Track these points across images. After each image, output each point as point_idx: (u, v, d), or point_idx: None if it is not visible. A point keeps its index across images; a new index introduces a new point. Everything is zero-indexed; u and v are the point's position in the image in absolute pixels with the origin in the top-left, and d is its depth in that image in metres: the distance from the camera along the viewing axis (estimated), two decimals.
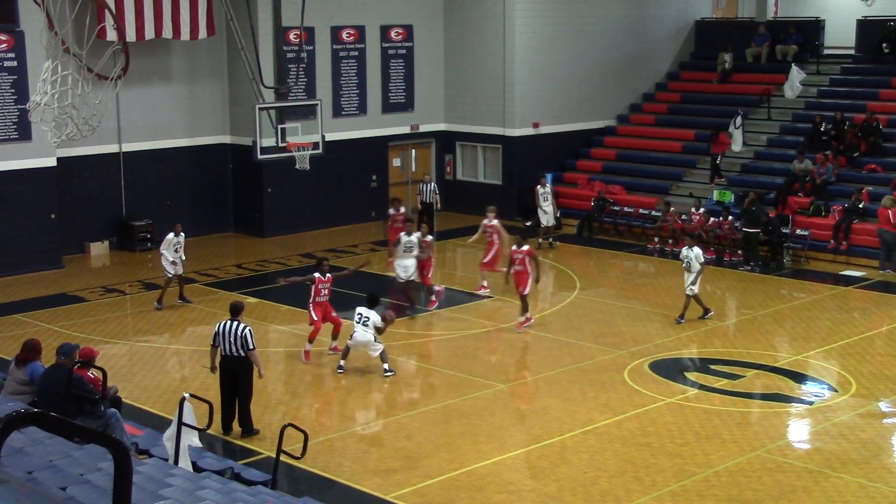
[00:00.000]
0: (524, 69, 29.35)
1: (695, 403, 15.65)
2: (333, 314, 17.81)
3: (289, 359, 18.13)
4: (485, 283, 22.02)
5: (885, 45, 29.72)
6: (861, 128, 26.86)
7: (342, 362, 17.05)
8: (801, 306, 21.33)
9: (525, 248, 19.48)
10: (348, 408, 16.02)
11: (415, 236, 20.48)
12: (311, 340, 17.67)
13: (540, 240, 25.99)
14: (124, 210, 26.26)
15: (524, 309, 19.43)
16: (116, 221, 26.16)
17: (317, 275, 17.70)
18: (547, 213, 25.88)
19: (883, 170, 26.06)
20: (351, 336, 16.87)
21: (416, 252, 20.36)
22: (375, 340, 16.77)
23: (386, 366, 16.82)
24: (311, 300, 17.59)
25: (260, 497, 9.25)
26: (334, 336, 17.81)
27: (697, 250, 19.90)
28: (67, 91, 12.42)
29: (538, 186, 26.05)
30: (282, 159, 23.55)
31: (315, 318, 17.56)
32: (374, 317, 16.77)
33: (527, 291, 19.36)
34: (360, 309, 16.90)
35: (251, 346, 14.30)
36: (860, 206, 24.53)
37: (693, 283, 19.60)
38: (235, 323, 14.40)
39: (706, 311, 19.96)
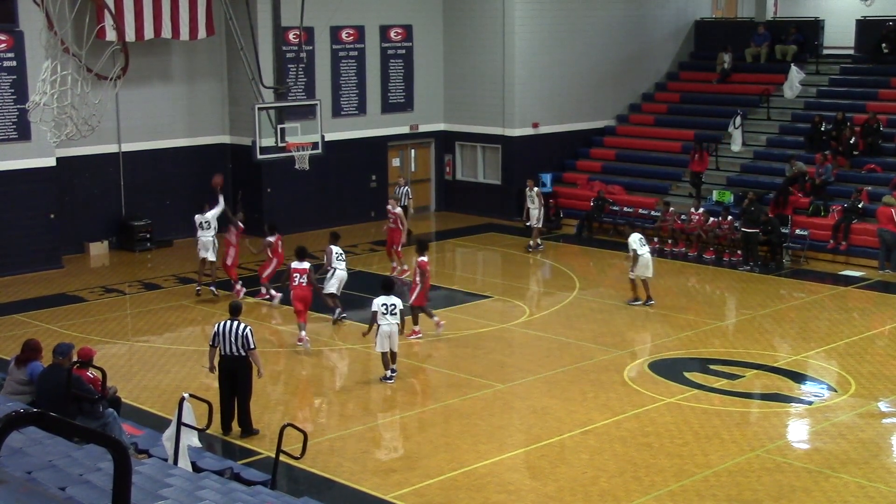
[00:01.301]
0: (524, 69, 29.35)
1: (694, 403, 15.65)
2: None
3: (288, 359, 18.14)
4: (405, 267, 22.50)
5: (884, 45, 29.71)
6: (861, 127, 26.85)
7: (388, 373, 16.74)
8: (800, 306, 21.33)
9: (420, 258, 18.74)
10: (348, 408, 16.01)
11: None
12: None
13: (531, 242, 25.98)
14: (124, 210, 26.26)
15: (414, 320, 18.74)
16: (116, 221, 26.16)
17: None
18: (532, 215, 25.88)
19: (882, 170, 26.07)
20: (377, 332, 16.44)
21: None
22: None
23: (394, 365, 16.79)
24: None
25: (259, 497, 9.25)
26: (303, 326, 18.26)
27: (633, 236, 20.73)
28: (67, 91, 12.41)
29: (526, 189, 26.12)
30: (281, 159, 23.56)
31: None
32: (399, 303, 16.63)
33: (410, 301, 18.69)
34: (382, 299, 16.42)
35: (252, 346, 14.31)
36: (859, 206, 24.53)
37: (633, 267, 20.56)
38: (235, 323, 14.40)
39: (644, 299, 20.66)
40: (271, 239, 21.23)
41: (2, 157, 23.23)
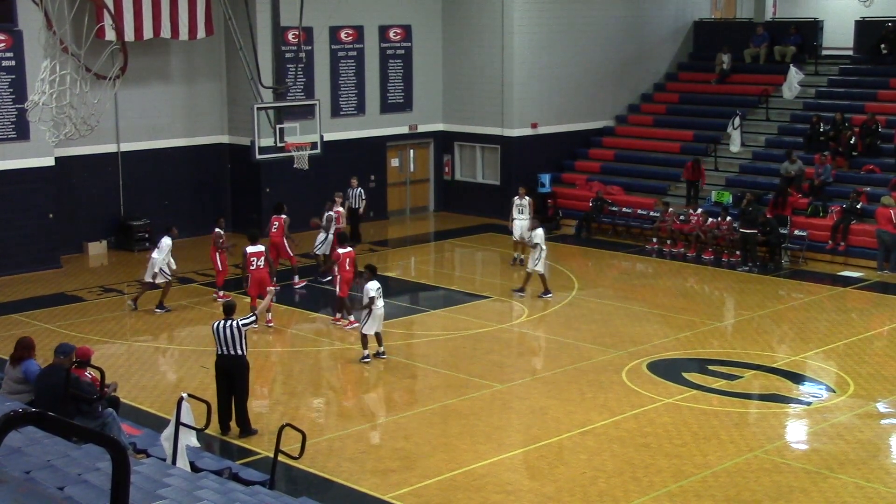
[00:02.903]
0: (523, 69, 29.35)
1: (693, 404, 15.65)
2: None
3: (287, 358, 18.14)
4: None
5: (883, 45, 29.72)
6: (860, 128, 26.85)
7: (367, 352, 17.41)
8: (799, 307, 21.34)
9: (338, 251, 19.33)
10: (346, 408, 16.02)
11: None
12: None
13: (515, 254, 24.41)
14: (122, 210, 26.25)
15: (340, 309, 19.57)
16: (114, 221, 26.14)
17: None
18: (517, 226, 23.74)
19: (881, 170, 26.07)
20: (371, 315, 17.08)
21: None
22: None
23: (381, 348, 17.33)
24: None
25: (258, 497, 9.25)
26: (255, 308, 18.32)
27: (537, 230, 21.31)
28: (66, 90, 12.40)
29: (515, 197, 24.36)
30: (280, 159, 23.56)
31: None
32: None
33: (336, 291, 19.46)
34: (376, 283, 17.13)
35: (247, 322, 14.34)
36: (858, 206, 24.54)
37: (535, 261, 21.08)
38: (229, 322, 14.37)
39: (546, 291, 21.44)
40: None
41: (0, 156, 23.21)
